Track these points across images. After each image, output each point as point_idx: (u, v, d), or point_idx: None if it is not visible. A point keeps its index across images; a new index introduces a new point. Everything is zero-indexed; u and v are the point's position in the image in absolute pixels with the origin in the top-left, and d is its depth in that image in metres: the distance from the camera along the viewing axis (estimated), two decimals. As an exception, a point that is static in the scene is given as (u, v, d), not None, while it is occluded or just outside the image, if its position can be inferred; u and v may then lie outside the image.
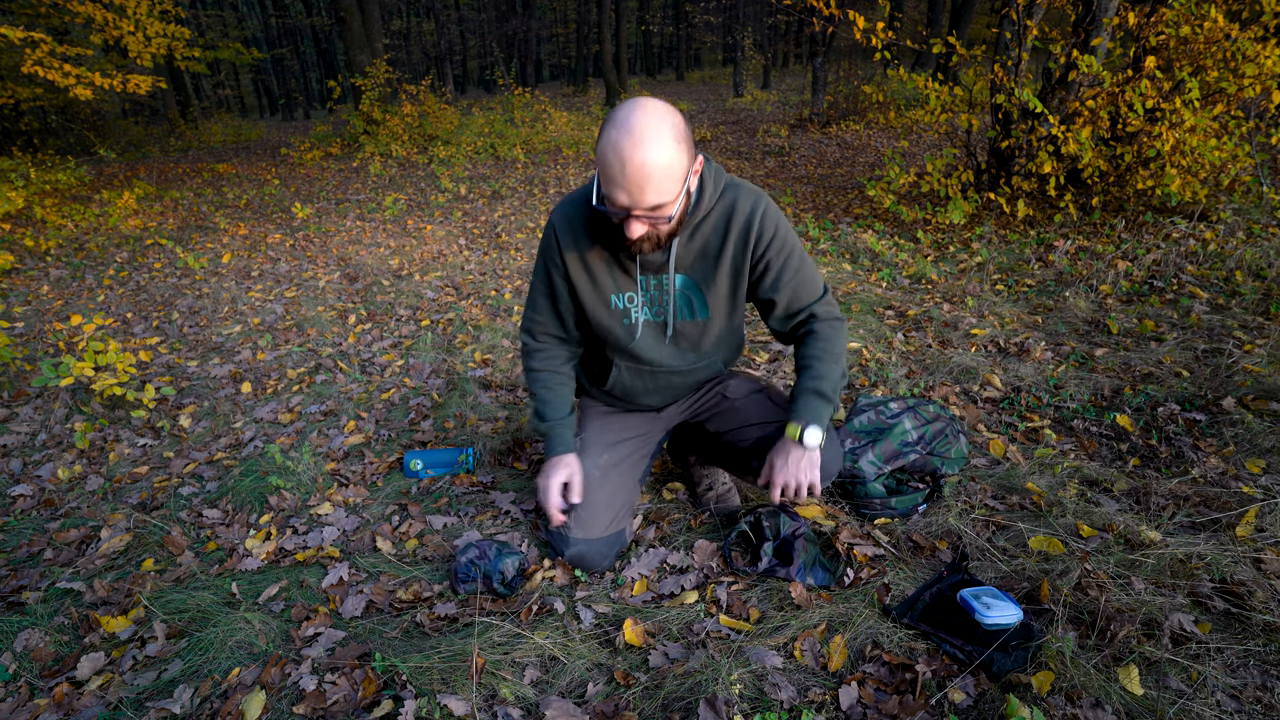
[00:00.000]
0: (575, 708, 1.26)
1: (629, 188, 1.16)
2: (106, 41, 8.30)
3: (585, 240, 1.42)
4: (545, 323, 1.59)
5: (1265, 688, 1.19)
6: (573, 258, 1.44)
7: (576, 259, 1.44)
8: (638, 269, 1.44)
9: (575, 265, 1.45)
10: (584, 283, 1.47)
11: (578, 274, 1.46)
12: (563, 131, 10.50)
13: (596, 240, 1.42)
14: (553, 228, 1.45)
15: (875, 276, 3.68)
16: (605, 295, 1.48)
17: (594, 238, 1.42)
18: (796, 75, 22.15)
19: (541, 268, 1.52)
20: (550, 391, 1.60)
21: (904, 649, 1.35)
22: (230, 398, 2.81)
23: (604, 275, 1.46)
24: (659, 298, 1.47)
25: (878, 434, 1.84)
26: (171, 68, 15.68)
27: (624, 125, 1.13)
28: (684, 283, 1.46)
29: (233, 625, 1.51)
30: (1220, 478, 1.77)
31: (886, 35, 3.94)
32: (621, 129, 1.13)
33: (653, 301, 1.47)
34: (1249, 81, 3.43)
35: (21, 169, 7.69)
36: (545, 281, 1.53)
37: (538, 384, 1.61)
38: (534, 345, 1.62)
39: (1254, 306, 2.75)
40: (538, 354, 1.62)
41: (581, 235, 1.42)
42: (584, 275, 1.46)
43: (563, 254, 1.45)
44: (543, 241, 1.49)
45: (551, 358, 1.62)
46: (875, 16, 13.81)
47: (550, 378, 1.61)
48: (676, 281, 1.45)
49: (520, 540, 1.77)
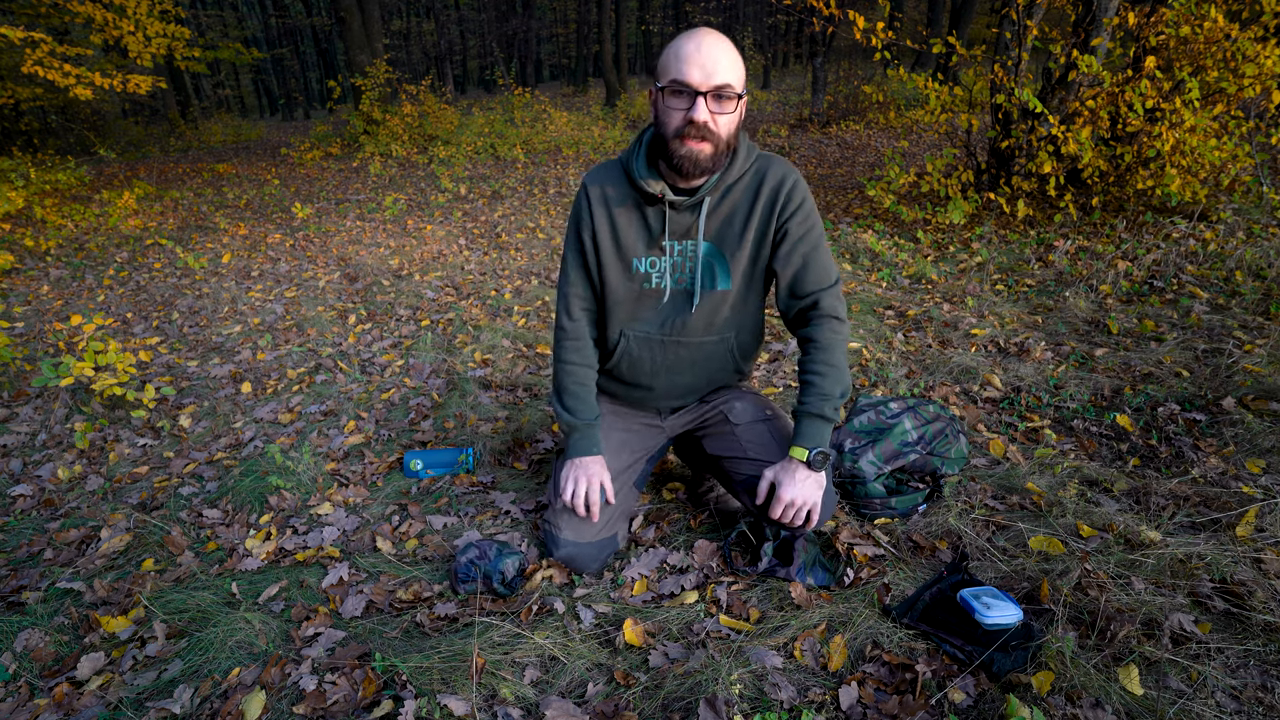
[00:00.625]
0: (575, 708, 1.26)
1: (703, 61, 1.25)
2: (106, 41, 8.30)
3: (615, 199, 1.45)
4: (582, 293, 1.56)
5: (1265, 688, 1.19)
6: (601, 215, 1.46)
7: (605, 216, 1.46)
8: (665, 234, 1.44)
9: (603, 223, 1.46)
10: (608, 243, 1.47)
11: (603, 232, 1.47)
12: (563, 131, 10.50)
13: (626, 201, 1.45)
14: (584, 188, 1.49)
15: (875, 276, 3.68)
16: (628, 258, 1.48)
17: (623, 198, 1.45)
18: (796, 75, 22.15)
19: (573, 233, 1.52)
20: (584, 388, 1.58)
21: (904, 649, 1.35)
22: (230, 398, 2.81)
23: (630, 237, 1.46)
24: (682, 264, 1.47)
25: (878, 434, 1.84)
26: (171, 68, 15.68)
27: (693, 30, 1.29)
28: (709, 250, 1.46)
29: (233, 625, 1.51)
30: (1220, 478, 1.77)
31: (886, 35, 3.94)
32: (690, 30, 1.29)
33: (675, 268, 1.48)
34: (1249, 81, 3.43)
35: (21, 169, 7.69)
36: (577, 248, 1.53)
37: (571, 378, 1.58)
38: (570, 327, 1.57)
39: (1254, 306, 2.75)
40: (573, 343, 1.58)
41: (612, 194, 1.46)
42: (609, 235, 1.47)
43: (592, 210, 1.47)
44: (574, 206, 1.51)
45: (584, 347, 1.59)
46: (875, 16, 13.80)
47: (585, 374, 1.59)
48: (702, 249, 1.45)
49: (520, 540, 1.77)
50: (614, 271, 1.49)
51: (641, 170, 1.40)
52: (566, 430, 1.58)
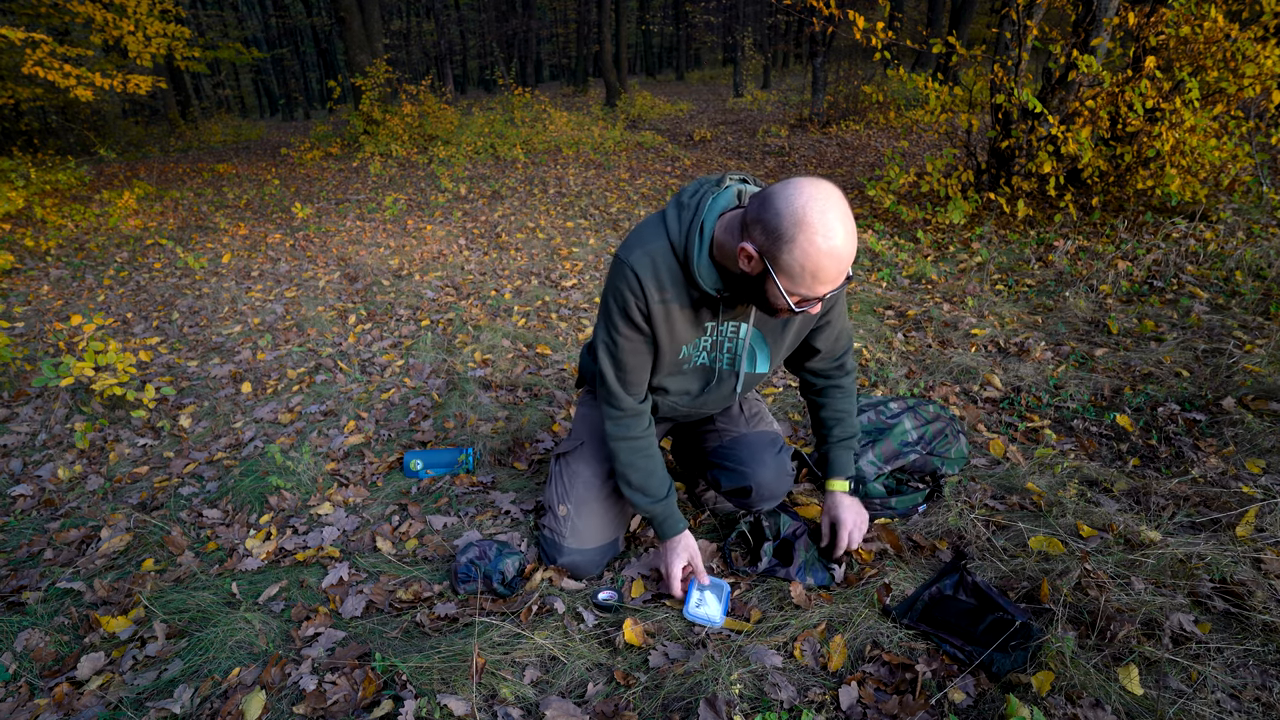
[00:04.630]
0: (575, 708, 1.26)
1: (838, 279, 1.15)
2: (106, 41, 8.30)
3: (672, 294, 1.32)
4: (641, 380, 1.43)
5: (1265, 688, 1.19)
6: (658, 310, 1.33)
7: (662, 312, 1.33)
8: (717, 318, 1.37)
9: (659, 317, 1.34)
10: (665, 335, 1.37)
11: (661, 327, 1.35)
12: (563, 131, 10.49)
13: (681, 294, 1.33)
14: (635, 277, 1.29)
15: (875, 276, 3.68)
16: (678, 346, 1.40)
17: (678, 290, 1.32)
18: (796, 75, 22.15)
19: (622, 319, 1.35)
20: (654, 462, 1.48)
21: (904, 649, 1.35)
22: (230, 398, 2.81)
23: (683, 327, 1.38)
24: (719, 343, 1.42)
25: (878, 434, 1.84)
26: (171, 68, 15.66)
27: (827, 228, 1.09)
28: (754, 335, 1.43)
29: (233, 625, 1.51)
30: (1220, 478, 1.77)
31: (886, 35, 3.94)
32: (827, 233, 1.09)
33: (714, 346, 1.42)
34: (1249, 81, 3.43)
35: (22, 169, 7.69)
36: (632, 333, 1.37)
37: (639, 454, 1.46)
38: (635, 407, 1.45)
39: (1254, 306, 2.74)
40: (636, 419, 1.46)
41: (669, 289, 1.31)
42: (665, 328, 1.36)
43: (649, 307, 1.32)
44: (619, 290, 1.32)
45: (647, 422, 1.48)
46: (875, 16, 13.79)
47: (653, 445, 1.49)
48: (748, 333, 1.40)
49: (520, 540, 1.77)
50: (665, 357, 1.42)
51: (706, 275, 1.27)
52: (649, 516, 1.50)
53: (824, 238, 1.09)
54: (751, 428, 1.63)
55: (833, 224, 1.09)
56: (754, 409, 1.69)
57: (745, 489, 1.55)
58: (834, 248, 1.10)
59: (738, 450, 1.57)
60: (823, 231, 1.09)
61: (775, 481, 1.54)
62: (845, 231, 1.10)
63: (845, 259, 1.12)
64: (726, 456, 1.58)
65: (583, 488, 1.61)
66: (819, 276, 1.13)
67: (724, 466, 1.58)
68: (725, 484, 1.59)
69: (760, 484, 1.53)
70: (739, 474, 1.54)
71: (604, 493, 1.61)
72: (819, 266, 1.11)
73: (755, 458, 1.54)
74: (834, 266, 1.12)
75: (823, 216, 1.09)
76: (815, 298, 1.17)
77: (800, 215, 1.09)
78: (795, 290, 1.16)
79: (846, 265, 1.13)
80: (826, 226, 1.09)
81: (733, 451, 1.57)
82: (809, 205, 1.09)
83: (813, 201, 1.09)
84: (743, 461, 1.54)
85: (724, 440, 1.62)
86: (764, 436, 1.59)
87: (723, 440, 1.62)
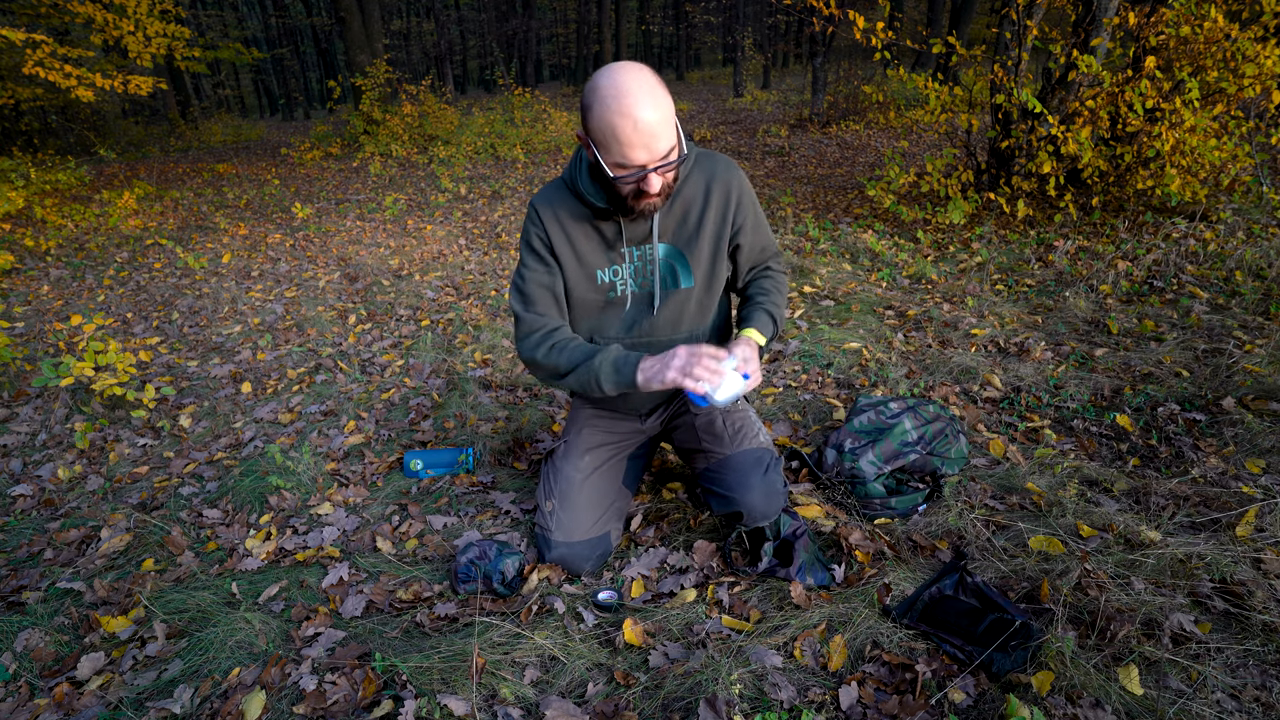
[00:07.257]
0: (575, 708, 1.26)
1: (647, 143, 1.21)
2: (106, 42, 8.30)
3: (567, 215, 1.44)
4: (547, 311, 1.48)
5: (1265, 688, 1.19)
6: (556, 230, 1.45)
7: (560, 231, 1.45)
8: (623, 241, 1.45)
9: (560, 238, 1.45)
10: (569, 257, 1.47)
11: (563, 248, 1.46)
12: (563, 131, 10.49)
13: (579, 218, 1.44)
14: (533, 209, 1.46)
15: (875, 276, 3.68)
16: (590, 270, 1.48)
17: (576, 216, 1.44)
18: (796, 75, 22.14)
19: (529, 252, 1.47)
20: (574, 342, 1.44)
21: (904, 649, 1.35)
22: (230, 398, 2.81)
23: (589, 250, 1.47)
24: (643, 268, 1.48)
25: (878, 434, 1.84)
26: (171, 68, 15.66)
27: (618, 91, 1.18)
28: (667, 251, 1.48)
29: (233, 625, 1.51)
30: (1220, 478, 1.77)
31: (886, 35, 3.94)
32: (618, 95, 1.18)
33: (637, 273, 1.49)
34: (1249, 81, 3.43)
35: (22, 169, 7.69)
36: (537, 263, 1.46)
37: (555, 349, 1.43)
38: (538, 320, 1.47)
39: (1254, 306, 2.74)
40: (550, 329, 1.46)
41: (563, 211, 1.44)
42: (569, 250, 1.46)
43: (546, 228, 1.45)
44: (525, 227, 1.48)
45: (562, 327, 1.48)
46: (875, 16, 13.80)
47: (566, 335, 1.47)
48: (660, 251, 1.47)
49: (520, 540, 1.77)
50: (579, 284, 1.48)
51: (589, 189, 1.38)
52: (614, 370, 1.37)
53: (615, 99, 1.18)
54: (737, 447, 1.57)
55: (624, 86, 1.18)
56: (738, 425, 1.61)
57: (736, 514, 1.55)
58: (625, 107, 1.17)
59: (724, 475, 1.55)
60: (615, 94, 1.18)
61: (764, 503, 1.52)
62: (638, 94, 1.17)
63: (643, 122, 1.18)
64: (715, 481, 1.57)
65: (564, 482, 1.62)
66: (619, 138, 1.20)
67: (713, 491, 1.58)
68: (716, 508, 1.59)
69: (750, 508, 1.52)
70: (728, 499, 1.54)
71: (585, 486, 1.62)
72: (614, 126, 1.19)
73: (742, 482, 1.52)
74: (628, 126, 1.18)
75: (614, 82, 1.19)
76: (634, 165, 1.23)
77: (596, 84, 1.21)
78: (609, 159, 1.24)
79: (646, 128, 1.19)
80: (618, 89, 1.18)
81: (720, 476, 1.56)
82: (605, 75, 1.20)
83: (610, 73, 1.20)
84: (730, 487, 1.53)
85: (710, 463, 1.59)
86: (749, 456, 1.55)
87: (709, 463, 1.59)
